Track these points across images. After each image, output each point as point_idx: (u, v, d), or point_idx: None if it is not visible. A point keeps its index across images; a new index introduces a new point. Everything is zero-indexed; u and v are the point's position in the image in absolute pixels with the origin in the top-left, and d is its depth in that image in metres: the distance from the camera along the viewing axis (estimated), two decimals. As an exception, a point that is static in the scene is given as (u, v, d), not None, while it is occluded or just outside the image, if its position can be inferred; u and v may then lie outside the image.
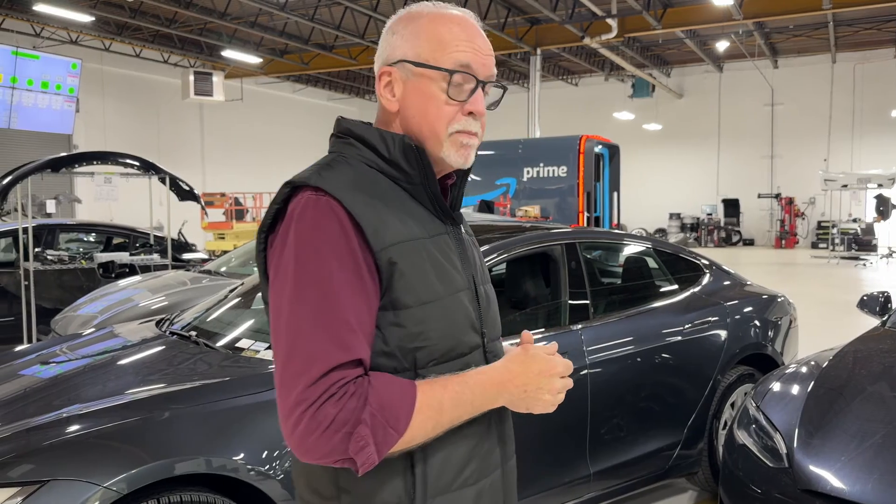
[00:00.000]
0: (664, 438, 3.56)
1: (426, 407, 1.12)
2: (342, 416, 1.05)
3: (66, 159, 7.10)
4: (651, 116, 25.12)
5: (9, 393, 2.78)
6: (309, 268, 1.09)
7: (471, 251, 1.32)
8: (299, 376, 1.07)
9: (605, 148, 13.87)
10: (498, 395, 1.18)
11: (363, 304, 1.11)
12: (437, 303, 1.17)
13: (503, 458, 1.32)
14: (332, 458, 1.08)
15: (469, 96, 1.21)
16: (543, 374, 1.20)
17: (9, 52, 15.40)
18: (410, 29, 1.22)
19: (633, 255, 4.08)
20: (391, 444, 1.09)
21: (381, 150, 1.21)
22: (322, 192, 1.13)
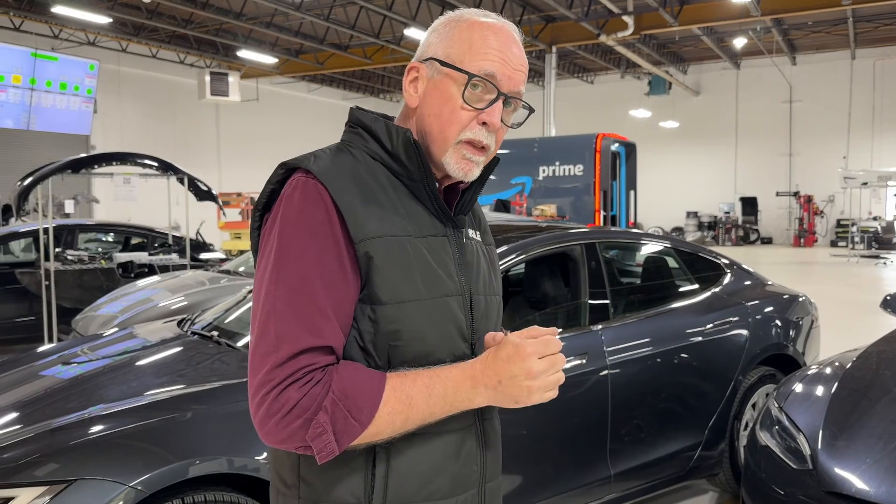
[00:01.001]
0: (685, 440, 3.54)
1: (394, 400, 1.07)
2: (304, 402, 1.04)
3: (86, 160, 7.16)
4: (668, 114, 24.97)
5: (31, 393, 2.80)
6: (290, 249, 1.09)
7: (474, 258, 1.28)
8: (267, 356, 1.06)
9: (621, 146, 13.82)
10: (473, 391, 1.12)
11: (341, 291, 1.10)
12: (416, 303, 1.14)
13: (482, 478, 1.25)
14: (292, 444, 1.07)
15: (487, 106, 1.19)
16: (513, 359, 1.10)
17: (28, 53, 15.57)
18: (448, 29, 1.22)
19: (654, 255, 4.06)
20: (353, 434, 1.06)
21: (385, 143, 1.21)
22: (312, 175, 1.13)
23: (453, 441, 1.19)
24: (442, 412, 1.12)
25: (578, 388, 3.11)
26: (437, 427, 1.16)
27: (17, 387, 2.93)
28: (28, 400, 2.73)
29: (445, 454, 1.19)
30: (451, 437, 1.19)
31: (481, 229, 1.38)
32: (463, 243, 1.26)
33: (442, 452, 1.18)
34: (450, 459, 1.19)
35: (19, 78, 15.46)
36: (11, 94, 15.44)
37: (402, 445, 1.14)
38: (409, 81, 1.23)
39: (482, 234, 1.37)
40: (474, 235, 1.32)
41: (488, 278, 1.30)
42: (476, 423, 1.24)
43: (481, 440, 1.25)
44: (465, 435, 1.21)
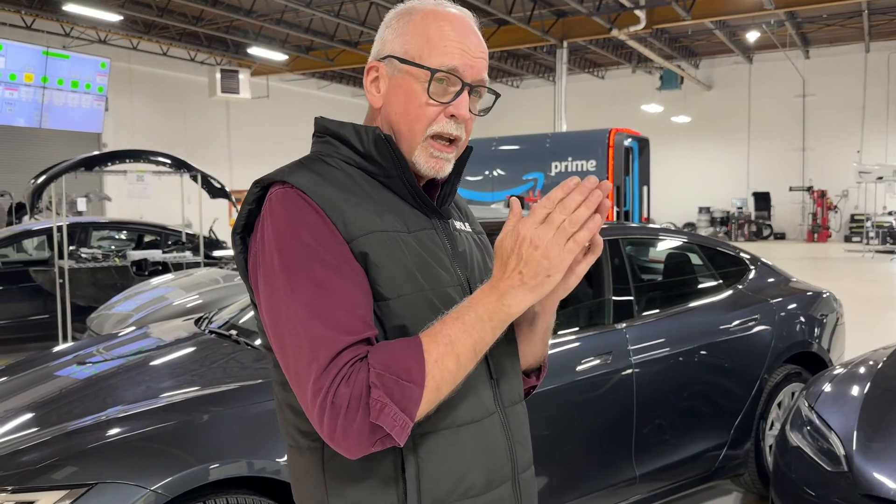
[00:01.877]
0: (710, 439, 3.47)
1: (435, 346, 1.02)
2: (355, 391, 1.00)
3: (100, 158, 7.15)
4: (679, 109, 24.81)
5: (46, 394, 2.77)
6: (294, 258, 1.06)
7: (467, 247, 1.26)
8: (309, 365, 1.02)
9: (634, 141, 13.71)
10: (502, 298, 1.04)
11: (355, 285, 1.07)
12: (418, 295, 1.11)
13: (515, 467, 1.21)
14: (370, 441, 1.01)
15: (453, 99, 1.17)
16: (516, 246, 1.02)
17: (39, 52, 15.61)
18: (402, 24, 1.19)
19: (677, 251, 3.99)
20: (415, 396, 1.00)
21: (356, 146, 1.19)
22: (289, 185, 1.11)
23: (478, 432, 1.15)
24: (486, 337, 1.05)
25: (602, 388, 3.05)
26: (461, 418, 1.13)
27: (33, 387, 2.90)
28: (43, 401, 2.70)
29: (473, 447, 1.14)
30: (476, 428, 1.15)
31: (468, 220, 1.35)
32: (452, 234, 1.25)
33: (470, 445, 1.14)
34: (479, 452, 1.15)
35: (31, 76, 15.50)
36: (23, 93, 15.49)
37: (429, 444, 1.10)
38: (370, 81, 1.22)
39: (470, 223, 1.35)
40: (462, 226, 1.30)
41: (483, 265, 1.27)
42: (498, 412, 1.20)
43: (506, 428, 1.20)
44: (488, 424, 1.17)
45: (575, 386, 2.96)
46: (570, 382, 2.95)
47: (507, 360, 1.24)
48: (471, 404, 1.14)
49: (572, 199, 1.01)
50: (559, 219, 1.01)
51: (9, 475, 2.06)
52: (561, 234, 1.01)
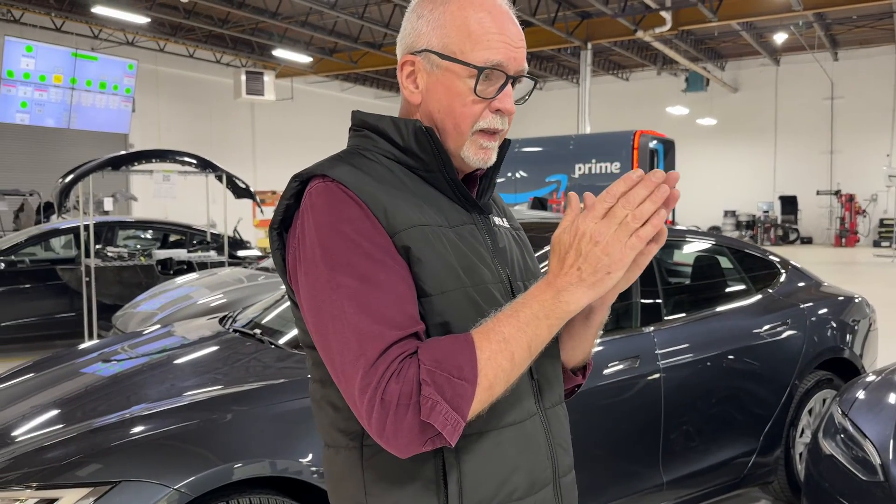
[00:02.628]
0: (739, 446, 3.40)
1: (487, 343, 0.99)
2: (405, 388, 0.96)
3: (126, 157, 7.22)
4: (705, 111, 24.55)
5: (71, 391, 2.78)
6: (337, 252, 1.03)
7: (507, 244, 1.23)
8: (356, 361, 0.99)
9: (659, 143, 13.61)
10: (558, 295, 1.00)
11: (400, 279, 1.04)
12: (460, 292, 1.08)
13: (556, 471, 1.17)
14: (420, 440, 0.98)
15: (497, 93, 1.14)
16: (574, 242, 0.98)
17: (69, 53, 15.82)
18: (437, 15, 1.14)
19: (706, 254, 3.92)
20: (467, 395, 0.97)
21: (395, 139, 1.16)
22: (329, 179, 1.08)
23: (520, 434, 1.12)
24: (542, 335, 1.01)
25: (629, 392, 3.00)
26: (503, 420, 1.10)
27: (59, 384, 2.91)
28: (69, 398, 2.71)
29: (516, 448, 1.11)
30: (517, 430, 1.12)
31: (506, 215, 1.32)
32: (493, 230, 1.22)
33: (512, 448, 1.11)
34: (521, 454, 1.12)
35: (60, 77, 15.71)
36: (53, 94, 15.71)
37: (471, 447, 1.07)
38: (406, 76, 1.18)
39: (508, 219, 1.32)
40: (501, 222, 1.27)
41: (523, 263, 1.25)
42: (539, 413, 1.16)
43: (547, 430, 1.17)
44: (530, 426, 1.14)
45: (601, 390, 2.92)
46: (597, 386, 2.90)
47: (548, 361, 1.21)
48: (512, 406, 1.11)
49: (637, 193, 0.97)
50: (622, 214, 0.97)
51: (33, 472, 2.07)
52: (623, 230, 0.96)
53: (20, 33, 16.07)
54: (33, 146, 16.79)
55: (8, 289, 7.34)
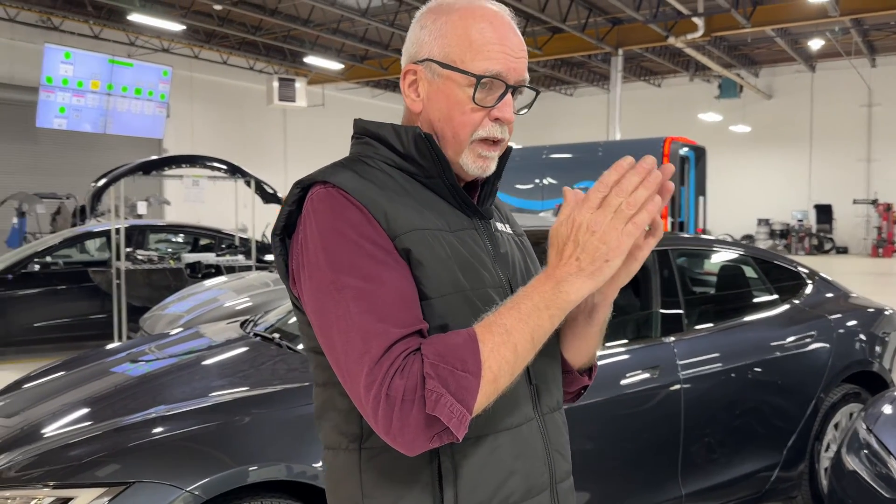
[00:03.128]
0: (761, 460, 3.34)
1: (489, 335, 0.99)
2: (410, 383, 0.97)
3: (157, 162, 7.35)
4: (738, 118, 24.24)
5: (101, 390, 2.83)
6: (340, 254, 1.05)
7: (508, 249, 1.23)
8: (361, 358, 1.00)
9: (690, 150, 13.43)
10: (558, 286, 1.00)
11: (403, 279, 1.05)
12: (460, 295, 1.08)
13: (553, 477, 1.17)
14: (428, 434, 0.98)
15: (497, 102, 1.15)
16: (573, 232, 0.99)
17: (105, 60, 16.17)
18: (439, 25, 1.16)
19: (730, 263, 3.87)
20: (471, 387, 0.97)
21: (396, 146, 1.17)
22: (331, 185, 1.10)
23: (517, 439, 1.13)
24: (545, 325, 1.02)
25: (649, 403, 2.97)
26: (499, 424, 1.10)
27: (89, 383, 2.96)
28: (98, 396, 2.76)
29: (512, 453, 1.12)
30: (514, 435, 1.13)
31: (508, 221, 1.33)
32: (494, 235, 1.23)
33: (508, 452, 1.11)
34: (518, 459, 1.12)
35: (97, 83, 16.06)
36: (90, 99, 16.06)
37: (467, 450, 1.08)
38: (408, 85, 1.20)
39: (511, 225, 1.32)
40: (504, 228, 1.29)
41: (525, 268, 1.25)
42: (537, 418, 1.17)
43: (544, 435, 1.17)
44: (527, 431, 1.14)
45: (620, 400, 2.89)
46: (615, 396, 2.88)
47: (547, 365, 1.21)
48: (509, 410, 1.12)
49: (629, 180, 0.98)
50: (616, 202, 0.98)
51: (54, 470, 2.11)
52: (619, 218, 0.97)
53: (60, 40, 16.47)
54: (70, 150, 17.16)
55: (42, 290, 7.51)
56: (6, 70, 16.41)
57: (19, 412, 2.77)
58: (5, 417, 2.77)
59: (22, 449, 2.31)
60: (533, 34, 17.27)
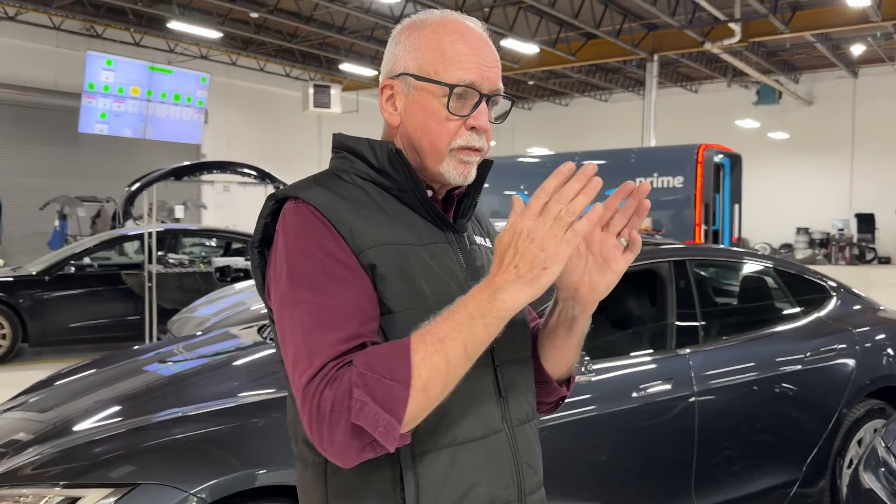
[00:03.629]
0: (780, 475, 3.28)
1: (421, 343, 0.99)
2: (339, 394, 0.98)
3: (189, 168, 7.50)
4: (777, 125, 23.80)
5: (132, 388, 2.88)
6: (300, 269, 1.07)
7: (485, 263, 1.24)
8: (304, 373, 1.02)
9: (725, 157, 13.24)
10: (495, 294, 1.00)
11: (360, 294, 1.07)
12: (425, 308, 1.08)
13: (522, 489, 1.17)
14: (357, 445, 0.99)
15: (472, 111, 1.17)
16: (513, 241, 0.99)
17: (146, 67, 16.55)
18: (413, 40, 1.19)
19: (751, 275, 3.81)
20: (399, 396, 0.97)
21: (370, 160, 1.19)
22: (301, 200, 1.12)
23: (482, 451, 1.13)
24: (479, 334, 1.00)
25: (661, 415, 2.94)
26: (463, 436, 1.11)
27: (120, 381, 3.01)
28: (131, 394, 2.81)
29: (476, 465, 1.12)
30: (479, 446, 1.13)
31: (489, 235, 1.34)
32: (469, 249, 1.24)
33: (472, 464, 1.12)
34: (482, 471, 1.13)
35: (137, 90, 16.44)
36: (130, 105, 16.44)
37: (429, 462, 1.09)
38: (385, 100, 1.22)
39: (491, 239, 1.33)
40: (483, 242, 1.30)
41: None
42: (506, 430, 1.17)
43: (513, 447, 1.18)
44: (493, 442, 1.15)
45: (631, 412, 2.86)
46: (627, 408, 2.85)
47: (519, 377, 1.22)
48: (474, 421, 1.13)
49: (570, 187, 0.98)
50: (556, 209, 0.98)
51: (68, 469, 2.17)
52: (558, 225, 0.97)
53: (102, 48, 16.90)
54: (111, 155, 17.57)
55: (77, 292, 7.71)
56: (51, 77, 16.89)
57: (53, 408, 2.82)
58: (39, 412, 2.83)
59: (52, 443, 2.38)
60: (567, 40, 17.20)
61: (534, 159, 15.63)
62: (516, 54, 18.41)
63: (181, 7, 15.14)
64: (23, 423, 2.72)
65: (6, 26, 16.19)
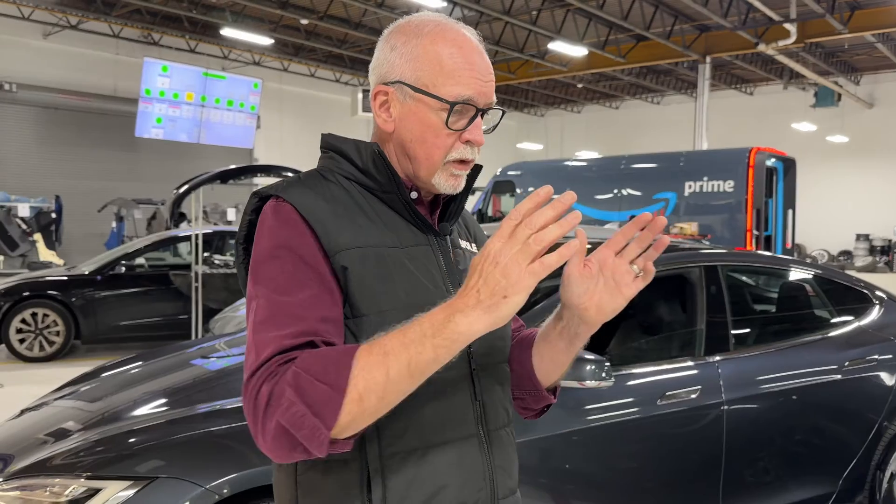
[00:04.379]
0: (814, 488, 3.18)
1: (366, 354, 0.97)
2: (276, 390, 0.97)
3: (233, 171, 7.67)
4: (836, 127, 23.07)
5: (179, 382, 2.97)
6: (266, 265, 1.09)
7: (468, 266, 1.21)
8: (251, 366, 1.03)
9: (778, 161, 12.90)
10: (452, 317, 0.95)
11: (320, 294, 1.07)
12: (397, 312, 1.08)
13: (495, 493, 1.17)
14: (287, 444, 0.98)
15: (468, 125, 1.17)
16: (480, 265, 0.95)
17: (200, 73, 17.00)
18: (410, 48, 1.18)
19: (788, 282, 3.71)
20: (330, 401, 0.95)
21: (356, 161, 1.20)
22: (282, 199, 1.14)
23: (452, 453, 1.13)
24: (425, 354, 0.96)
25: (688, 423, 2.88)
26: (434, 438, 1.11)
27: (167, 374, 3.09)
28: (176, 387, 2.88)
29: (445, 469, 1.12)
30: (450, 449, 1.13)
31: (475, 240, 1.35)
32: (451, 252, 1.24)
33: (441, 467, 1.12)
34: (451, 474, 1.13)
35: (192, 95, 16.89)
36: (185, 110, 16.91)
37: (396, 465, 1.09)
38: (379, 105, 1.21)
39: (478, 244, 1.34)
40: (468, 246, 1.30)
41: None
42: (480, 433, 1.17)
43: (486, 451, 1.18)
44: (465, 446, 1.15)
45: (656, 420, 2.81)
46: (651, 416, 2.81)
47: (496, 382, 1.22)
48: (446, 424, 1.13)
49: (542, 214, 0.93)
50: (524, 234, 0.92)
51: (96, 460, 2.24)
52: (524, 252, 0.92)
53: (159, 55, 17.44)
54: (166, 159, 18.10)
55: (128, 291, 7.96)
56: (110, 83, 17.50)
57: (102, 398, 2.92)
58: (89, 402, 2.93)
59: (98, 430, 2.46)
60: (616, 42, 17.02)
61: (580, 162, 15.50)
62: (564, 57, 18.29)
63: (234, 14, 15.52)
64: (73, 412, 2.82)
65: (69, 35, 16.84)
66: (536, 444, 2.55)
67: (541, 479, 2.60)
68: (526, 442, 2.48)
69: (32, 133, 16.83)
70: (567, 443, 2.64)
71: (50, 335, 7.61)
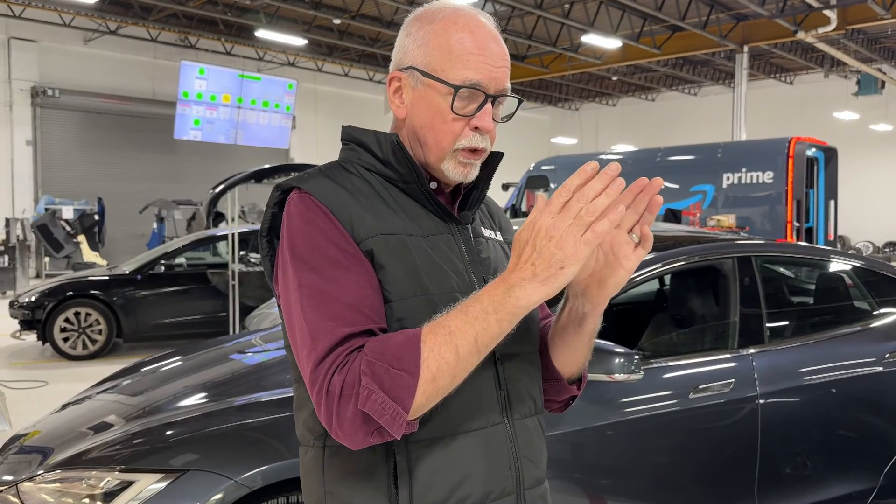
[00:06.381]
0: (853, 484, 3.10)
1: (432, 335, 1.01)
2: (349, 379, 1.01)
3: (267, 171, 7.77)
4: (880, 116, 22.45)
5: (218, 376, 3.01)
6: (303, 255, 1.10)
7: (492, 255, 1.25)
8: (309, 355, 1.05)
9: (819, 151, 12.62)
10: (509, 291, 1.00)
11: (362, 280, 1.09)
12: (422, 298, 1.10)
13: (521, 483, 1.18)
14: (365, 430, 1.01)
15: (476, 111, 1.17)
16: (532, 238, 0.99)
17: (236, 75, 17.24)
18: (423, 33, 1.19)
19: (826, 273, 3.62)
20: (406, 385, 0.99)
21: (376, 152, 1.21)
22: (304, 191, 1.15)
23: (477, 442, 1.14)
24: (491, 329, 1.01)
25: (721, 417, 2.83)
26: (459, 427, 1.12)
27: (207, 368, 3.14)
28: (216, 381, 2.92)
29: (471, 456, 1.13)
30: (475, 438, 1.14)
31: (500, 228, 1.34)
32: (474, 240, 1.24)
33: (467, 454, 1.13)
34: (477, 462, 1.13)
35: (228, 97, 17.15)
36: (222, 112, 17.18)
37: (423, 451, 1.10)
38: (393, 91, 1.22)
39: (503, 232, 1.34)
40: (491, 234, 1.30)
41: None
42: (506, 422, 1.17)
43: (513, 440, 1.18)
44: (490, 435, 1.15)
45: (688, 414, 2.78)
46: (684, 409, 2.77)
47: (521, 371, 1.22)
48: (471, 412, 1.14)
49: (591, 187, 0.97)
50: (576, 207, 0.97)
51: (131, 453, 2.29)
52: (577, 225, 0.96)
53: (195, 57, 17.73)
54: (204, 160, 18.41)
55: (167, 290, 8.12)
56: (149, 86, 17.85)
57: (142, 392, 2.98)
58: (130, 396, 3.00)
59: (139, 422, 2.51)
60: (651, 33, 16.79)
61: (615, 156, 15.34)
62: (598, 49, 18.12)
63: (268, 16, 15.70)
64: (114, 406, 2.88)
65: (109, 40, 17.22)
66: (569, 438, 2.54)
67: (574, 474, 2.58)
68: (559, 435, 2.47)
69: (75, 137, 17.26)
70: (600, 437, 2.62)
71: (92, 334, 7.80)
